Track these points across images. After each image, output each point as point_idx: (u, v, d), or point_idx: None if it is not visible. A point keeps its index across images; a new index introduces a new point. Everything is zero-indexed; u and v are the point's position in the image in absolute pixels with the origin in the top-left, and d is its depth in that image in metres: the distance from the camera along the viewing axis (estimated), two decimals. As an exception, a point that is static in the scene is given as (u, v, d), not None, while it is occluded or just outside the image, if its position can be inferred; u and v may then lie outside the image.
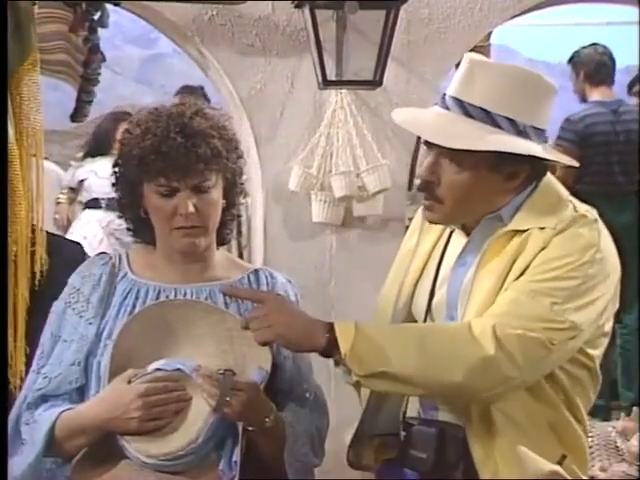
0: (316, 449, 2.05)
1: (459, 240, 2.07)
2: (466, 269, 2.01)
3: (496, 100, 1.94)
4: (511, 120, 1.94)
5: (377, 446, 2.08)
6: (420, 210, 2.14)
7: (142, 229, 2.10)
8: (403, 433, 2.02)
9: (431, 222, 2.07)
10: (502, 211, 2.00)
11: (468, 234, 2.05)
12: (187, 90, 6.40)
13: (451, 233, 2.10)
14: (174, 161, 1.97)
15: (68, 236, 5.94)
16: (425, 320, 2.05)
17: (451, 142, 1.92)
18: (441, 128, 1.96)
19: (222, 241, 2.15)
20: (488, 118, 1.94)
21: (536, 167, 1.99)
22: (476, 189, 1.97)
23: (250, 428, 1.92)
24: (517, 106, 1.95)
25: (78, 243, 2.72)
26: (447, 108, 1.99)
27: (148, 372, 1.90)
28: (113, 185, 2.11)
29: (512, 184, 1.99)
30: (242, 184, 2.13)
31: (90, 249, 5.96)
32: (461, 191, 1.97)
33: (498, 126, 1.94)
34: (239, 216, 2.18)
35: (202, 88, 6.39)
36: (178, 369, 1.91)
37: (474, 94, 1.95)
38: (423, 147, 2.04)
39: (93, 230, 6.06)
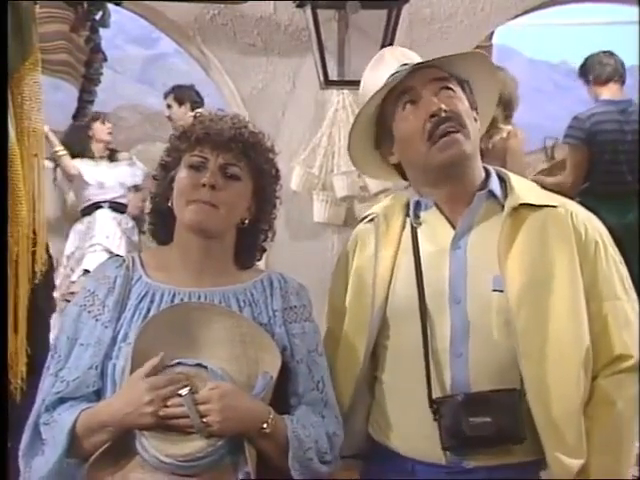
0: (325, 456, 2.00)
1: (439, 229, 2.12)
2: (463, 250, 2.07)
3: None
4: None
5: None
6: (369, 225, 2.21)
7: (163, 225, 2.12)
8: (435, 414, 2.03)
9: (459, 158, 2.07)
10: (491, 184, 2.11)
11: (450, 223, 2.11)
12: (178, 90, 6.42)
13: (414, 234, 2.14)
14: (215, 132, 2.05)
15: (91, 238, 6.02)
16: (422, 311, 2.07)
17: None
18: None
19: (248, 256, 2.15)
20: None
21: None
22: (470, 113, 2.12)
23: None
24: None
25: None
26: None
27: (169, 365, 1.90)
28: (154, 178, 2.16)
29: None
30: (272, 200, 2.16)
31: (113, 247, 6.06)
32: (471, 115, 2.10)
33: None
34: (265, 238, 2.18)
35: (193, 86, 6.40)
36: (198, 364, 1.91)
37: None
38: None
39: (113, 228, 6.16)
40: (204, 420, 1.85)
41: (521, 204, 2.08)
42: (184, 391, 1.86)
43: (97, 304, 2.03)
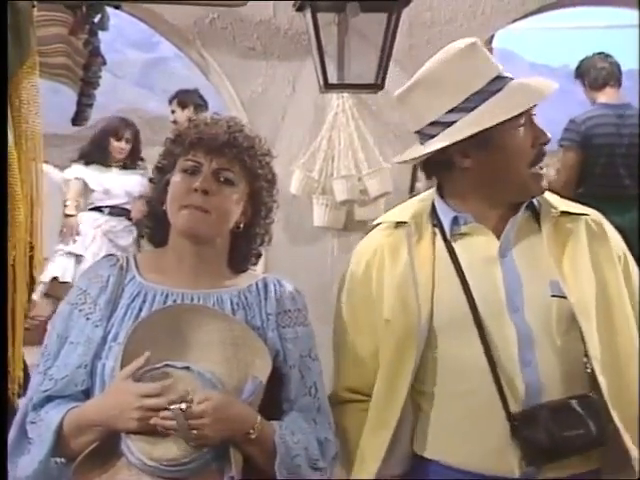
0: (317, 462, 1.99)
1: (482, 240, 2.11)
2: (510, 258, 2.08)
3: None
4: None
5: None
6: (392, 237, 2.16)
7: (158, 227, 2.12)
8: (516, 429, 2.00)
9: (544, 191, 2.13)
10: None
11: (493, 232, 2.11)
12: (182, 94, 6.40)
13: (447, 243, 2.12)
14: (209, 137, 2.04)
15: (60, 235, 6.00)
16: (477, 320, 2.04)
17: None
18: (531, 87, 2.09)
19: (242, 260, 2.14)
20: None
21: None
22: None
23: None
24: None
25: None
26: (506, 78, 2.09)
27: (157, 367, 1.89)
28: (150, 181, 2.16)
29: None
30: (268, 204, 2.14)
31: (82, 247, 6.03)
32: None
33: None
34: (262, 242, 2.16)
35: (197, 90, 6.39)
36: (187, 367, 1.89)
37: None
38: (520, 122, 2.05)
39: (85, 229, 6.11)
40: (194, 432, 1.83)
41: (561, 212, 2.12)
42: (174, 406, 1.84)
43: (89, 302, 2.03)
